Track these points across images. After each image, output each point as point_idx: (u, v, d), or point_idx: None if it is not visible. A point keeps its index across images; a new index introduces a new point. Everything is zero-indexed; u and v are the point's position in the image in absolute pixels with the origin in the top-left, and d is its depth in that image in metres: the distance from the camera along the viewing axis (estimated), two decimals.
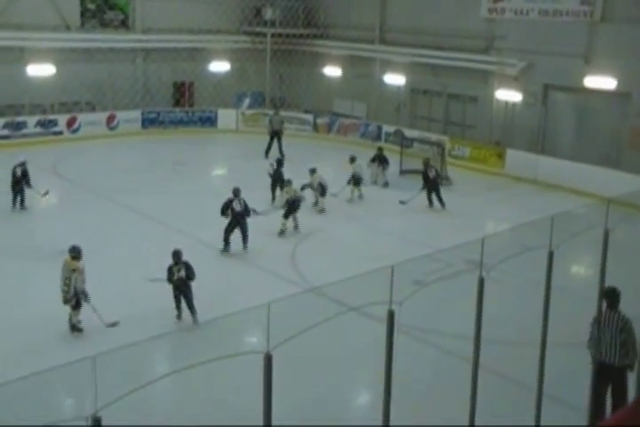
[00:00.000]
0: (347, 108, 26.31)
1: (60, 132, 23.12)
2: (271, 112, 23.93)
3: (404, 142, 21.25)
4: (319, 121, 25.71)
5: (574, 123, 20.33)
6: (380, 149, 19.18)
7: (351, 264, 12.18)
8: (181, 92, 26.58)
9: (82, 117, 23.45)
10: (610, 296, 8.07)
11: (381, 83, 25.24)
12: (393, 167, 19.53)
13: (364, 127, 24.74)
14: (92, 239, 12.72)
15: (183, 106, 26.37)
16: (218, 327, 6.10)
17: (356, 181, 16.93)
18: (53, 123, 22.98)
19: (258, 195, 17.20)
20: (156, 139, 24.12)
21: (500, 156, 20.74)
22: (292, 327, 6.53)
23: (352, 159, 17.47)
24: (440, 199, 16.84)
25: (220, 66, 26.36)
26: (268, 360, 4.83)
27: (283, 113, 25.92)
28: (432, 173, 16.87)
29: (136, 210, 15.55)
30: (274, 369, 4.66)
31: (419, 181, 17.24)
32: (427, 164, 17.10)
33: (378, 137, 24.17)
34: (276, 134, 22.21)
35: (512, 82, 21.09)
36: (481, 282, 7.27)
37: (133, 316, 10.04)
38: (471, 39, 22.35)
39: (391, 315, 6.51)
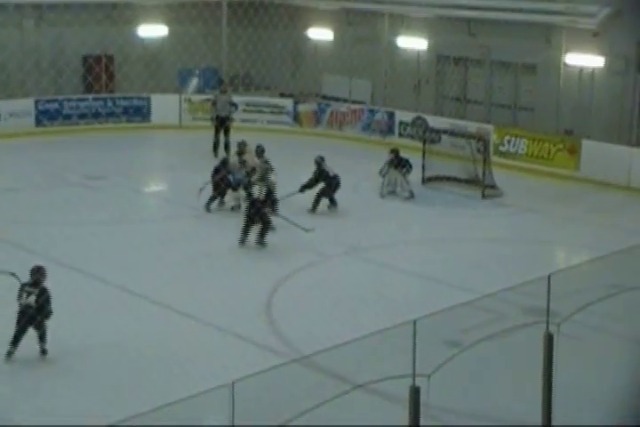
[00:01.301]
0: (342, 89, 26.51)
1: None
2: (216, 91, 24.30)
3: (429, 136, 21.35)
4: (302, 108, 25.89)
5: None
6: (395, 151, 19.20)
7: (354, 319, 12.08)
8: (95, 72, 26.73)
9: None
10: None
11: (393, 49, 25.46)
12: (413, 173, 19.63)
13: (368, 116, 24.89)
14: None
15: (98, 91, 26.52)
16: (165, 416, 6.15)
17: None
18: None
19: (214, 219, 17.39)
20: (57, 141, 24.13)
21: (573, 151, 20.86)
22: (269, 416, 6.46)
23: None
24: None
25: (152, 30, 26.53)
26: None
27: (249, 98, 26.03)
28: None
29: (29, 249, 15.50)
30: None
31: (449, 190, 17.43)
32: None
33: (389, 130, 24.27)
34: (222, 122, 22.65)
35: (590, 40, 21.29)
36: (549, 340, 7.27)
37: None
38: None
39: (415, 393, 6.49)
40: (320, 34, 27.13)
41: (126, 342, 11.72)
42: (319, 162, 18.25)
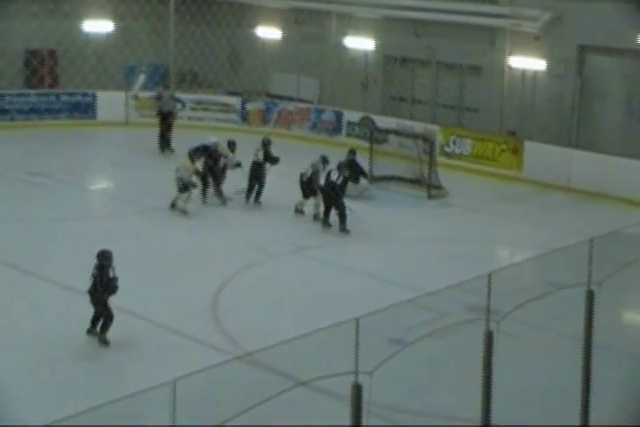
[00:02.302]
0: (290, 88, 26.49)
1: None
2: (159, 87, 24.21)
3: (376, 136, 21.45)
4: (250, 107, 25.84)
5: (624, 101, 20.88)
6: (353, 153, 19.07)
7: (299, 318, 12.16)
8: (37, 67, 26.36)
9: None
10: None
11: (341, 48, 25.52)
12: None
13: (315, 115, 24.93)
14: None
15: (39, 86, 26.18)
16: (105, 414, 6.13)
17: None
18: None
19: (158, 216, 17.31)
20: None
21: (517, 152, 21.12)
22: (211, 414, 6.44)
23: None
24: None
25: (98, 25, 26.24)
26: None
27: (197, 96, 25.89)
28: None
29: None
30: None
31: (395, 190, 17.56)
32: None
33: (337, 129, 24.32)
34: (165, 118, 22.60)
35: (532, 43, 21.58)
36: (489, 337, 7.34)
37: None
38: None
39: (357, 390, 6.51)
40: (268, 32, 27.08)
41: (70, 341, 11.62)
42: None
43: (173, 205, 17.65)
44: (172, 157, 22.25)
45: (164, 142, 22.56)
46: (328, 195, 16.90)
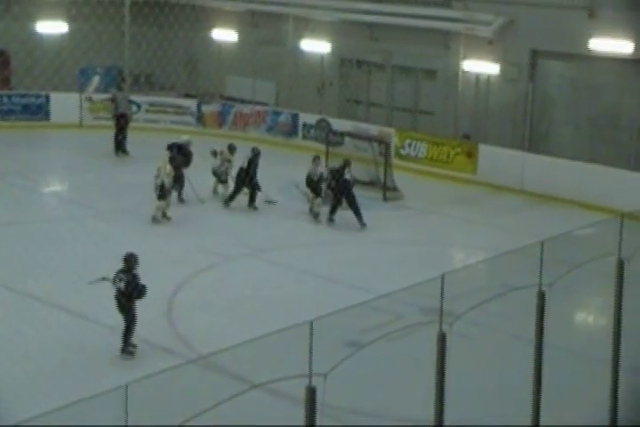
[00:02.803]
0: (246, 91, 26.44)
1: None
2: (113, 89, 24.13)
3: (332, 138, 21.48)
4: (206, 109, 25.77)
5: (576, 105, 21.13)
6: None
7: (254, 320, 12.15)
8: None
9: None
10: None
11: (297, 51, 25.55)
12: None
13: (272, 118, 24.91)
14: None
15: None
16: (57, 419, 6.11)
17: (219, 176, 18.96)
18: None
19: (113, 219, 17.18)
20: None
21: (471, 155, 21.29)
22: (165, 417, 6.40)
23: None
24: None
25: (51, 26, 26.06)
26: None
27: (152, 98, 25.76)
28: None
29: None
30: None
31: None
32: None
33: (293, 132, 24.33)
34: (119, 120, 22.49)
35: (485, 47, 21.77)
36: (442, 339, 7.38)
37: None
38: None
39: (312, 392, 6.51)
40: (224, 35, 27.02)
41: (21, 346, 11.49)
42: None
43: (163, 215, 17.31)
44: (127, 159, 22.13)
45: (119, 145, 22.41)
46: (341, 193, 17.60)
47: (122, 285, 11.60)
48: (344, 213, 18.31)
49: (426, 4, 22.90)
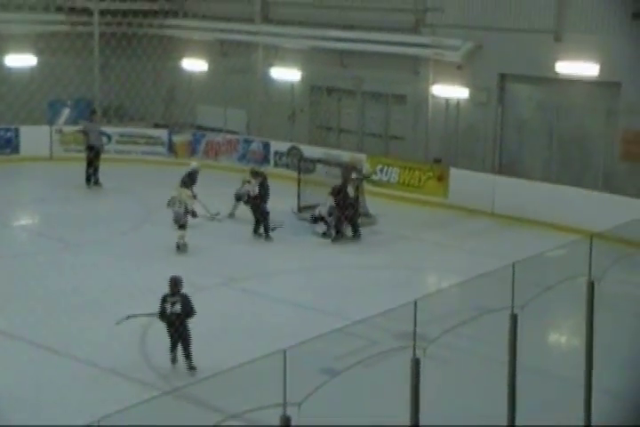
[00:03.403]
0: (217, 120, 26.50)
1: None
2: (84, 121, 24.03)
3: (304, 165, 21.53)
4: (177, 139, 25.78)
5: (544, 127, 21.34)
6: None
7: (228, 350, 12.12)
8: None
9: None
10: None
11: (267, 80, 25.68)
12: (289, 202, 19.74)
13: (243, 146, 24.97)
14: None
15: None
16: None
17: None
18: None
19: (85, 252, 17.10)
20: None
21: (442, 179, 21.40)
22: None
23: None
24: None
25: (20, 60, 26.05)
26: None
27: (123, 129, 25.76)
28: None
29: None
30: None
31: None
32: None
33: (264, 159, 24.40)
34: (97, 152, 22.50)
35: (454, 72, 22.01)
36: (416, 364, 7.40)
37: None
38: (394, 13, 23.22)
39: (287, 422, 6.50)
40: (194, 64, 27.11)
41: None
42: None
43: (179, 247, 17.44)
44: (98, 191, 22.09)
45: (89, 177, 22.34)
46: (346, 209, 18.34)
47: (178, 307, 12.12)
48: (311, 240, 18.36)
49: (395, 30, 23.09)
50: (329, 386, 7.28)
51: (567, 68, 20.14)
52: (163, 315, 12.24)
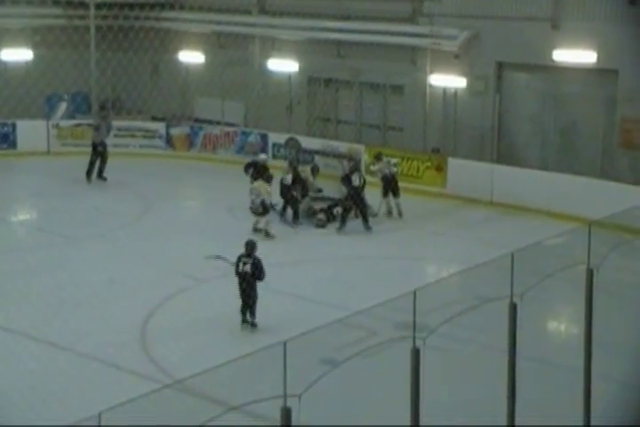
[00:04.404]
0: (215, 112, 26.45)
1: None
2: (97, 118, 24.00)
3: (302, 157, 21.56)
4: (175, 132, 25.76)
5: (542, 115, 21.33)
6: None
7: (229, 343, 12.16)
8: None
9: None
10: None
11: (264, 71, 25.63)
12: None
13: (241, 138, 24.95)
14: None
15: None
16: None
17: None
18: None
19: (85, 247, 17.12)
20: None
21: (440, 169, 21.41)
22: None
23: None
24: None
25: (16, 54, 25.98)
26: None
27: (120, 122, 25.74)
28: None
29: None
30: None
31: None
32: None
33: (262, 151, 24.39)
34: (105, 148, 22.35)
35: (452, 61, 21.97)
36: (416, 354, 7.41)
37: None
38: (391, 3, 23.18)
39: (287, 413, 6.51)
40: (191, 57, 27.06)
41: None
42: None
43: (256, 230, 17.95)
44: (98, 185, 22.08)
45: (98, 171, 22.22)
46: (352, 199, 18.45)
47: (248, 268, 13.20)
48: (310, 231, 18.36)
49: (392, 20, 23.06)
50: (329, 377, 7.29)
51: (564, 55, 20.11)
52: (236, 272, 13.37)
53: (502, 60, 21.57)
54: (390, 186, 19.64)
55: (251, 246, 13.52)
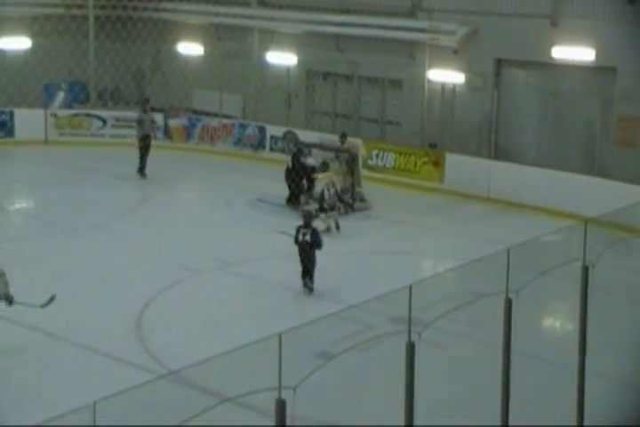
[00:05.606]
0: (213, 104, 26.45)
1: None
2: (140, 111, 23.43)
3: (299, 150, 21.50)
4: (172, 123, 25.73)
5: (540, 112, 21.39)
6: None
7: (224, 334, 12.15)
8: None
9: None
10: None
11: (263, 64, 25.61)
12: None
13: (239, 130, 24.94)
14: None
15: None
16: None
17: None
18: None
19: (83, 236, 17.10)
20: None
21: (437, 164, 21.42)
22: None
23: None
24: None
25: (14, 42, 25.92)
26: None
27: (119, 113, 25.73)
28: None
29: None
30: None
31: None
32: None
33: (260, 144, 24.40)
34: (149, 142, 22.18)
35: (450, 57, 21.98)
36: (410, 348, 7.43)
37: None
38: None
39: (281, 405, 6.53)
40: (190, 48, 27.04)
41: None
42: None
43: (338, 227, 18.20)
44: (96, 175, 22.02)
45: (141, 166, 22.08)
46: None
47: (308, 237, 14.10)
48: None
49: (391, 14, 23.03)
50: (324, 370, 7.31)
51: (563, 53, 20.13)
52: (296, 241, 14.21)
53: (501, 57, 21.58)
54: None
55: (308, 217, 14.46)
